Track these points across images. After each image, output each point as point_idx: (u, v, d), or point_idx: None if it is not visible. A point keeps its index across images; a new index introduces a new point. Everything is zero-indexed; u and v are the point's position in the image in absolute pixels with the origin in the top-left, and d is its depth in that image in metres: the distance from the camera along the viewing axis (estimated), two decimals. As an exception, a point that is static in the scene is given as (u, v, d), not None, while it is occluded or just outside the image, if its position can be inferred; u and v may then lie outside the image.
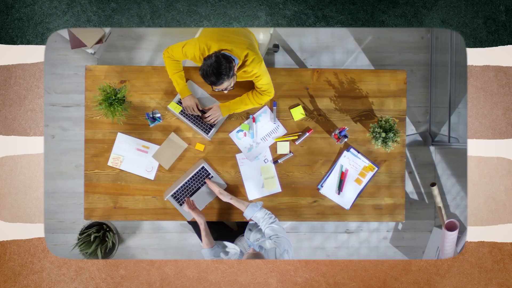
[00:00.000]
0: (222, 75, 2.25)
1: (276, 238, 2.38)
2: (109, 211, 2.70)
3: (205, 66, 2.26)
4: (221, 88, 2.35)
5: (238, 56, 2.39)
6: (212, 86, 2.32)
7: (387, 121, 2.58)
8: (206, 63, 2.27)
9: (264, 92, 2.57)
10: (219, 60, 2.25)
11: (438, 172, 3.49)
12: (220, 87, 2.35)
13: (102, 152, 2.69)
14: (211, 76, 2.26)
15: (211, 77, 2.26)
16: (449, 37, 3.22)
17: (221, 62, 2.25)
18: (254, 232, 2.55)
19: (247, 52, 2.40)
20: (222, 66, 2.25)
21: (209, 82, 2.29)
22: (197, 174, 2.67)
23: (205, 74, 2.27)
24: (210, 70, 2.24)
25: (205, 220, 2.53)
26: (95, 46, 3.19)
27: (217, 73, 2.25)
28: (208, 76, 2.27)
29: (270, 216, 2.46)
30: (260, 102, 2.61)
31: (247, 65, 2.42)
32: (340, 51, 3.45)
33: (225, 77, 2.27)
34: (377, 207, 2.76)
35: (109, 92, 2.47)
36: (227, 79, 2.29)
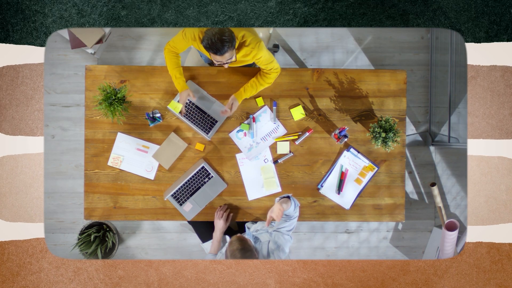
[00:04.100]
0: (225, 42, 2.25)
1: (276, 233, 2.38)
2: (109, 211, 2.70)
3: (209, 34, 2.25)
4: (223, 59, 2.34)
5: (235, 36, 2.39)
6: (216, 55, 2.30)
7: (387, 121, 2.58)
8: (210, 31, 2.26)
9: (270, 70, 2.57)
10: (222, 29, 2.26)
11: (438, 172, 3.49)
12: (222, 58, 2.33)
13: (102, 152, 2.69)
14: (216, 43, 2.25)
15: (217, 44, 2.25)
16: (449, 37, 3.22)
17: (225, 30, 2.25)
18: (258, 223, 2.56)
19: (244, 33, 2.41)
20: (225, 33, 2.25)
21: (213, 50, 2.28)
22: (197, 174, 2.68)
23: (209, 42, 2.26)
24: (216, 38, 2.23)
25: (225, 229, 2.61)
26: (95, 46, 3.20)
27: (221, 40, 2.24)
28: (213, 44, 2.25)
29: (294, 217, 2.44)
30: (270, 82, 2.62)
31: (246, 45, 2.42)
32: (340, 51, 3.45)
33: (229, 44, 2.26)
34: (377, 207, 2.76)
35: (109, 92, 2.47)
36: (231, 47, 2.28)
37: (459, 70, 3.18)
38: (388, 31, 3.45)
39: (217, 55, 2.31)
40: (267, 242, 2.38)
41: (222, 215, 2.63)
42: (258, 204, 2.72)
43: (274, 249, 2.35)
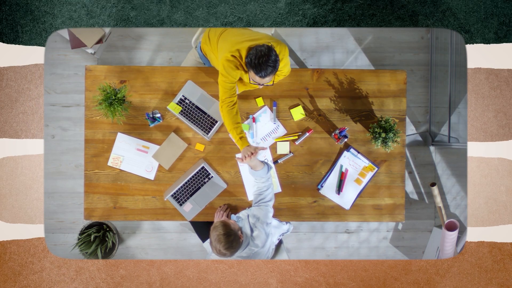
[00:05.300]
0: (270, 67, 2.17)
1: (254, 207, 2.43)
2: (109, 211, 2.70)
3: (258, 53, 2.15)
4: (263, 82, 2.28)
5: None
6: (256, 75, 2.22)
7: (387, 121, 2.58)
8: (258, 50, 2.16)
9: (282, 73, 2.55)
10: (270, 49, 2.16)
11: (438, 172, 3.49)
12: (261, 81, 2.27)
13: (102, 152, 2.69)
14: (261, 65, 2.16)
15: (262, 66, 2.16)
16: (449, 37, 3.22)
17: (271, 54, 2.17)
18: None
19: (275, 46, 2.31)
20: (272, 57, 2.16)
21: (257, 70, 2.18)
22: (197, 174, 2.68)
23: (256, 62, 2.16)
24: (263, 60, 2.15)
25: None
26: (95, 46, 3.19)
27: (267, 64, 2.16)
28: (258, 65, 2.16)
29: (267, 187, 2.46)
30: (276, 80, 2.59)
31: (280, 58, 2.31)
32: (340, 51, 3.45)
33: (273, 69, 2.19)
34: (377, 207, 2.76)
35: (109, 92, 2.47)
36: (273, 71, 2.21)
37: (459, 70, 3.18)
38: (388, 31, 3.45)
39: (257, 76, 2.23)
40: (246, 217, 2.41)
41: (222, 215, 2.63)
42: (258, 204, 2.72)
43: (255, 222, 2.39)
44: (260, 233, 2.37)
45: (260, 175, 2.46)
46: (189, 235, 3.43)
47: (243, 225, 2.40)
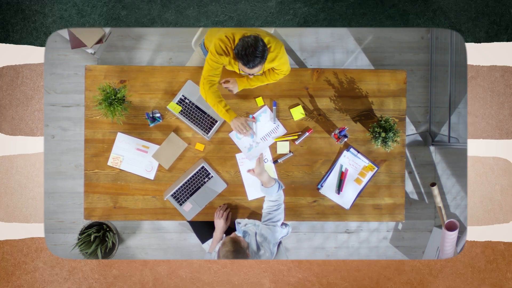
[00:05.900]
0: (257, 57, 2.20)
1: (262, 226, 2.41)
2: (109, 211, 2.70)
3: (245, 45, 2.18)
4: (252, 72, 2.30)
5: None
6: (245, 66, 2.25)
7: (387, 121, 2.58)
8: (245, 41, 2.19)
9: (281, 71, 2.56)
10: (257, 39, 2.19)
11: (438, 172, 3.49)
12: (250, 71, 2.29)
13: (102, 152, 2.69)
14: (249, 56, 2.18)
15: (249, 57, 2.19)
16: (449, 37, 3.22)
17: (259, 44, 2.19)
18: (247, 219, 2.58)
19: (268, 38, 2.35)
20: (259, 47, 2.18)
21: (243, 61, 2.22)
22: (197, 174, 2.68)
23: (242, 53, 2.19)
24: (250, 51, 2.18)
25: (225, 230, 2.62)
26: (95, 46, 3.20)
27: (255, 55, 2.18)
28: (245, 56, 2.19)
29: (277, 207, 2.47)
30: (276, 79, 2.61)
31: (271, 51, 2.36)
32: (340, 51, 3.45)
33: (260, 60, 2.21)
34: (377, 207, 2.76)
35: (109, 92, 2.47)
36: (261, 62, 2.24)
37: (459, 70, 3.18)
38: (388, 31, 3.45)
39: (245, 67, 2.26)
40: (254, 235, 2.40)
41: (222, 215, 2.63)
42: (258, 204, 2.72)
43: (262, 241, 2.38)
44: (266, 251, 2.38)
45: (270, 192, 2.46)
46: (189, 235, 3.43)
47: (249, 241, 2.39)
